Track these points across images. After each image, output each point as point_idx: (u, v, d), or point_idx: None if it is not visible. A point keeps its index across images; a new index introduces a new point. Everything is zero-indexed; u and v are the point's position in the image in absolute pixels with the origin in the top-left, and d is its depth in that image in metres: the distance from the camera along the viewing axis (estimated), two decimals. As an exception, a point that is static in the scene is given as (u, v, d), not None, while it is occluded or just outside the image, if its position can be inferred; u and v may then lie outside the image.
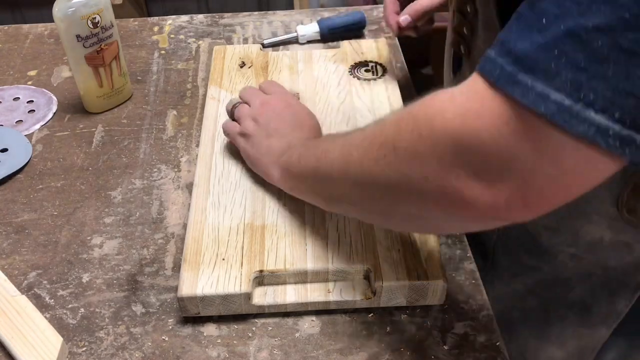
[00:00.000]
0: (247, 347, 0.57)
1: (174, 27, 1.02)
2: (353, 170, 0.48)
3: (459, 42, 0.60)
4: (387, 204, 0.46)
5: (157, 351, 0.57)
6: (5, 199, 0.73)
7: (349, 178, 0.49)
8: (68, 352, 0.58)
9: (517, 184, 0.37)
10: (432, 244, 0.60)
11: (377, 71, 0.83)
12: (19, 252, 0.67)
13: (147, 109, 0.86)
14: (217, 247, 0.61)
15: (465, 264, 0.64)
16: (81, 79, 0.82)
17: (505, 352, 0.57)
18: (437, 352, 0.56)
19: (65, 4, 0.75)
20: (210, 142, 0.72)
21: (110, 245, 0.67)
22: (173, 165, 0.77)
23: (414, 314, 0.60)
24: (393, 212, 0.47)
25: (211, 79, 0.83)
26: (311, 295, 0.59)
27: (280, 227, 0.62)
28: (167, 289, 0.63)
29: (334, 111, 0.76)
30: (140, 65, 0.94)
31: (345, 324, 0.59)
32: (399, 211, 0.46)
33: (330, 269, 0.59)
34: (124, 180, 0.75)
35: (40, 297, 0.62)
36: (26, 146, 0.79)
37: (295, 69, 0.84)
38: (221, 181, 0.68)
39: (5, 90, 0.89)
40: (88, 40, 0.78)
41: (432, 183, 0.40)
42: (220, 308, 0.58)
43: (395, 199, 0.45)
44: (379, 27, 0.99)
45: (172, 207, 0.71)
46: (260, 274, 0.59)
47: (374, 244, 0.60)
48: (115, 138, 0.81)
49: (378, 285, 0.57)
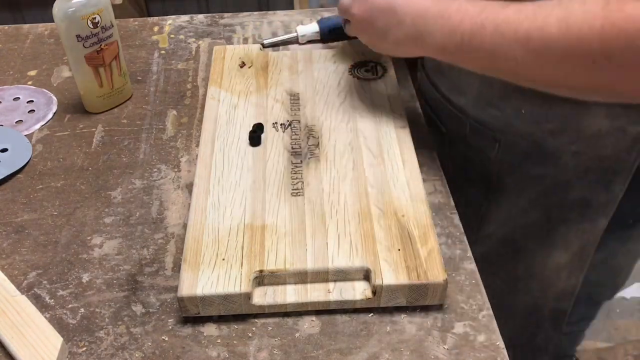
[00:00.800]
0: (247, 347, 0.57)
1: (174, 27, 1.02)
2: (548, 71, 0.53)
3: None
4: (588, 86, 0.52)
5: (157, 351, 0.57)
6: (5, 199, 0.73)
7: (539, 73, 0.54)
8: (68, 352, 0.58)
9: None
10: (432, 244, 0.60)
11: (377, 71, 0.83)
12: (19, 252, 0.67)
13: (147, 109, 0.86)
14: (217, 247, 0.61)
15: (465, 264, 0.64)
16: (81, 79, 0.82)
17: (505, 352, 0.57)
18: (437, 352, 0.57)
19: (65, 4, 0.75)
20: (210, 142, 0.72)
21: (110, 245, 0.67)
22: (173, 165, 0.77)
23: (414, 314, 0.60)
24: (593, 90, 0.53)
25: (211, 79, 0.83)
26: (311, 295, 0.59)
27: (280, 227, 0.62)
28: (167, 289, 0.63)
29: (334, 111, 0.76)
30: (140, 65, 0.94)
31: (345, 324, 0.59)
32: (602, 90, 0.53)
33: (330, 269, 0.59)
34: (124, 180, 0.75)
35: (40, 297, 0.62)
36: (26, 146, 0.79)
37: (295, 69, 0.84)
38: (221, 181, 0.68)
39: (5, 90, 0.89)
40: (88, 40, 0.78)
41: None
42: (220, 308, 0.58)
43: (599, 87, 0.52)
44: None
45: (172, 207, 0.71)
46: (260, 274, 0.59)
47: (374, 244, 0.60)
48: (115, 138, 0.81)
49: (378, 285, 0.57)
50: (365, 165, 0.69)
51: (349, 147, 0.71)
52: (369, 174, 0.68)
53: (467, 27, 0.58)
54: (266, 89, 0.80)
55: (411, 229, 0.62)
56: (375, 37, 0.67)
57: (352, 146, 0.72)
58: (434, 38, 0.61)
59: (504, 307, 0.68)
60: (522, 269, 0.82)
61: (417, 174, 0.68)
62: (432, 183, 0.72)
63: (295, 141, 0.73)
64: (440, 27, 0.61)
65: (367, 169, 0.68)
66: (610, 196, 0.70)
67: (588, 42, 0.49)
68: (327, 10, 1.04)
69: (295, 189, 0.66)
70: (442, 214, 0.69)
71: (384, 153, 0.70)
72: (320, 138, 0.73)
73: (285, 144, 0.72)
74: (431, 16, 0.62)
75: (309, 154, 0.71)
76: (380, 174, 0.68)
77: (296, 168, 0.69)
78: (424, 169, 0.70)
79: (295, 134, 0.74)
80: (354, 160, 0.70)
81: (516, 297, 0.85)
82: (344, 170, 0.68)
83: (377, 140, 0.72)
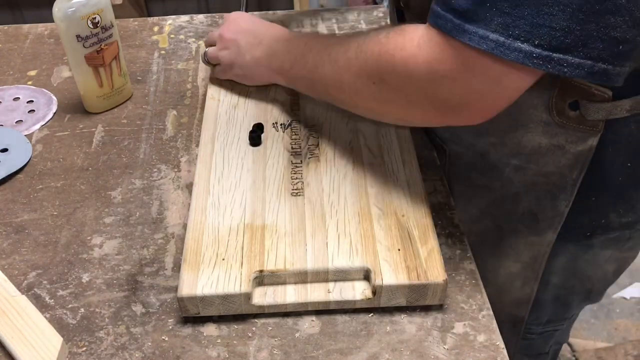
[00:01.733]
0: (247, 347, 0.57)
1: (174, 27, 1.02)
2: (347, 88, 0.62)
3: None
4: (373, 106, 0.62)
5: (157, 351, 0.57)
6: (5, 199, 0.73)
7: (341, 91, 0.64)
8: (68, 352, 0.58)
9: (475, 107, 0.54)
10: (432, 244, 0.60)
11: (377, 71, 0.82)
12: (19, 252, 0.67)
13: (147, 109, 0.86)
14: (217, 247, 0.61)
15: (465, 264, 0.64)
16: (81, 79, 0.82)
17: (505, 352, 0.57)
18: (437, 352, 0.57)
19: (65, 4, 0.75)
20: (210, 142, 0.72)
21: (110, 245, 0.67)
22: (173, 165, 0.77)
23: (414, 314, 0.60)
24: (379, 111, 0.63)
25: (211, 79, 0.83)
26: (311, 295, 0.59)
27: (280, 227, 0.62)
28: (167, 289, 0.63)
29: (334, 111, 0.76)
30: (140, 65, 0.94)
31: (345, 324, 0.59)
32: (383, 111, 0.62)
33: (330, 269, 0.59)
34: (124, 180, 0.75)
35: (40, 297, 0.62)
36: (26, 146, 0.79)
37: (295, 69, 0.84)
38: (221, 181, 0.68)
39: (5, 90, 0.89)
40: (88, 40, 0.78)
41: (412, 102, 0.57)
42: (220, 308, 0.58)
43: (380, 106, 0.61)
44: (379, 27, 0.99)
45: (172, 207, 0.71)
46: (260, 274, 0.59)
47: (374, 244, 0.60)
48: (115, 138, 0.81)
49: (378, 285, 0.57)
50: (365, 165, 0.69)
51: (349, 147, 0.71)
52: (369, 174, 0.68)
53: (298, 52, 0.69)
54: (266, 89, 0.80)
55: (411, 229, 0.62)
56: (237, 54, 0.76)
57: (352, 146, 0.72)
58: (279, 59, 0.72)
59: None
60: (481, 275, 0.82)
61: (417, 174, 0.68)
62: (432, 183, 0.72)
63: (295, 141, 0.73)
64: (284, 50, 0.71)
65: (367, 169, 0.68)
66: (555, 211, 0.71)
67: (370, 64, 0.58)
68: (327, 10, 1.04)
69: (295, 189, 0.66)
70: (442, 214, 0.69)
71: (384, 153, 0.70)
72: (320, 138, 0.73)
73: (285, 144, 0.72)
74: (283, 40, 0.72)
75: (309, 154, 0.71)
76: (380, 174, 0.68)
77: (296, 168, 0.69)
78: (424, 169, 0.70)
79: (295, 134, 0.74)
80: (353, 160, 0.70)
81: None
82: (344, 170, 0.68)
83: (377, 140, 0.72)
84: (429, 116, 0.58)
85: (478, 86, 0.52)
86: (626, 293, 1.65)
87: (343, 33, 0.68)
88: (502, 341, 0.57)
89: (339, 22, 1.01)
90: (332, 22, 1.00)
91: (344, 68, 0.61)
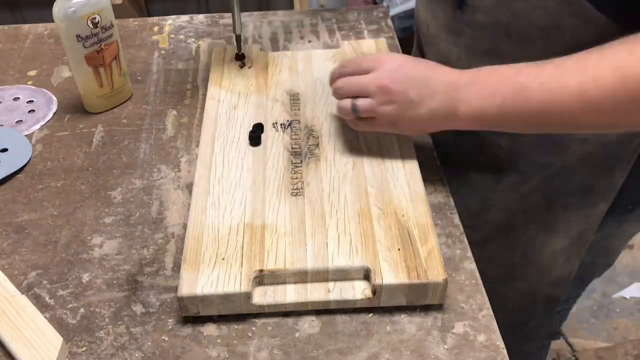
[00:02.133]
0: (247, 347, 0.57)
1: (174, 27, 1.02)
2: (588, 118, 0.56)
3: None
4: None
5: (157, 351, 0.57)
6: (5, 199, 0.73)
7: (595, 116, 0.56)
8: (68, 352, 0.58)
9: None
10: (432, 244, 0.60)
11: (377, 71, 0.82)
12: (19, 252, 0.67)
13: (147, 109, 0.86)
14: (217, 246, 0.61)
15: (465, 264, 0.64)
16: (81, 79, 0.82)
17: (505, 352, 0.57)
18: (437, 352, 0.57)
19: (65, 4, 0.75)
20: (210, 142, 0.72)
21: (110, 245, 0.67)
22: (173, 165, 0.77)
23: (414, 314, 0.60)
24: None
25: (211, 79, 0.83)
26: (311, 295, 0.59)
27: (280, 226, 0.62)
28: (167, 289, 0.63)
29: (334, 111, 0.76)
30: (140, 65, 0.94)
31: (345, 324, 0.59)
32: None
33: (330, 268, 0.59)
34: (124, 180, 0.75)
35: (40, 297, 0.62)
36: (26, 146, 0.79)
37: (295, 69, 0.84)
38: (221, 181, 0.68)
39: (5, 90, 0.89)
40: (88, 40, 0.78)
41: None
42: (220, 308, 0.58)
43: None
44: (379, 27, 0.99)
45: (172, 207, 0.71)
46: (260, 273, 0.59)
47: (374, 244, 0.60)
48: (115, 138, 0.81)
49: (378, 285, 0.57)
50: (365, 165, 0.69)
51: (349, 147, 0.71)
52: (369, 174, 0.68)
53: (509, 89, 0.58)
54: (266, 89, 0.80)
55: (411, 228, 0.62)
56: (406, 109, 0.63)
57: (352, 146, 0.72)
58: (469, 104, 0.61)
59: (499, 294, 0.69)
60: (519, 256, 0.82)
61: (417, 174, 0.68)
62: (432, 183, 0.72)
63: (295, 141, 0.73)
64: (475, 92, 0.60)
65: (367, 169, 0.68)
66: (611, 182, 0.70)
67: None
68: (327, 10, 1.04)
69: (295, 188, 0.66)
70: (442, 214, 0.69)
71: (384, 153, 0.70)
72: (320, 138, 0.73)
73: (285, 144, 0.72)
74: (463, 84, 0.61)
75: (309, 154, 0.71)
76: (380, 174, 0.68)
77: (296, 168, 0.69)
78: (424, 169, 0.70)
79: (295, 134, 0.74)
80: (354, 160, 0.70)
81: (512, 284, 0.86)
82: (344, 170, 0.69)
83: (377, 140, 0.72)
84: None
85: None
86: (626, 293, 1.65)
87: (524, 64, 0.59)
88: (502, 341, 0.57)
89: (339, 22, 1.01)
90: (332, 22, 1.01)
91: (600, 99, 0.55)
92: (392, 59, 0.65)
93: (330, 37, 0.97)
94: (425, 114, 0.63)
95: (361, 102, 0.65)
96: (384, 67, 0.65)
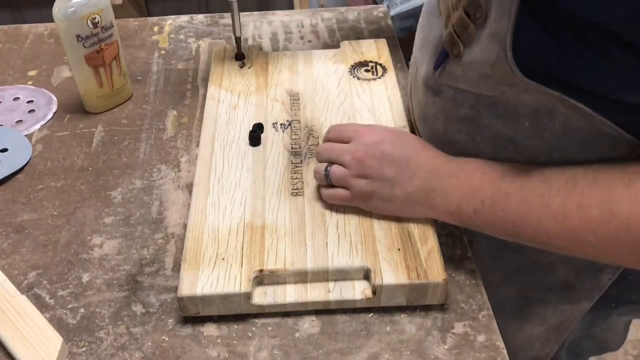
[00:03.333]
0: (247, 347, 0.57)
1: (174, 27, 1.02)
2: (565, 244, 0.51)
3: (453, 42, 0.57)
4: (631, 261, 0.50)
5: (157, 351, 0.57)
6: (5, 199, 0.73)
7: (580, 247, 0.51)
8: (68, 352, 0.58)
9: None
10: (432, 244, 0.60)
11: (377, 71, 0.83)
12: (19, 252, 0.67)
13: (147, 109, 0.86)
14: (217, 246, 0.61)
15: (465, 263, 0.64)
16: (81, 79, 0.82)
17: (505, 352, 0.57)
18: (437, 352, 0.57)
19: (65, 4, 0.75)
20: (210, 142, 0.72)
21: (110, 245, 0.67)
22: (173, 165, 0.77)
23: (414, 314, 0.60)
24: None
25: (211, 79, 0.83)
26: (311, 295, 0.59)
27: (280, 227, 0.62)
28: (167, 289, 0.63)
29: (334, 111, 0.76)
30: (140, 65, 0.94)
31: (345, 324, 0.59)
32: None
33: (330, 268, 0.59)
34: (124, 180, 0.75)
35: (40, 297, 0.62)
36: (26, 146, 0.79)
37: (295, 69, 0.84)
38: (221, 181, 0.68)
39: (5, 90, 0.89)
40: (88, 40, 0.78)
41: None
42: (220, 308, 0.58)
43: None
44: (379, 27, 0.99)
45: (172, 207, 0.71)
46: (260, 273, 0.59)
47: (374, 244, 0.60)
48: (115, 138, 0.81)
49: (378, 285, 0.57)
50: (365, 165, 0.69)
51: (349, 147, 0.71)
52: (369, 173, 0.68)
53: (488, 192, 0.55)
54: (266, 89, 0.80)
55: (411, 228, 0.62)
56: (381, 187, 0.60)
57: (352, 146, 0.71)
58: (446, 198, 0.57)
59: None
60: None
61: (417, 174, 0.68)
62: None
63: (295, 141, 0.73)
64: (454, 187, 0.57)
65: (367, 169, 0.68)
66: (596, 283, 0.66)
67: (637, 229, 0.46)
68: (327, 10, 1.04)
69: (295, 188, 0.66)
70: (442, 214, 0.69)
71: (384, 153, 0.70)
72: (320, 138, 0.73)
73: (285, 144, 0.72)
74: (445, 175, 0.58)
75: (309, 154, 0.71)
76: (380, 173, 0.68)
77: (296, 168, 0.69)
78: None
79: (295, 134, 0.74)
80: (354, 160, 0.70)
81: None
82: (344, 170, 0.68)
83: (377, 140, 0.72)
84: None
85: None
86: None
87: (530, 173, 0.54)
88: (502, 341, 0.57)
89: (339, 22, 1.01)
90: (332, 22, 1.01)
91: (580, 229, 0.50)
92: (373, 132, 0.62)
93: (330, 37, 0.97)
94: (400, 195, 0.59)
95: (335, 169, 0.62)
96: (362, 140, 0.61)
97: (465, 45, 0.55)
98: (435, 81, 0.61)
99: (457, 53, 0.56)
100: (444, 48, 0.59)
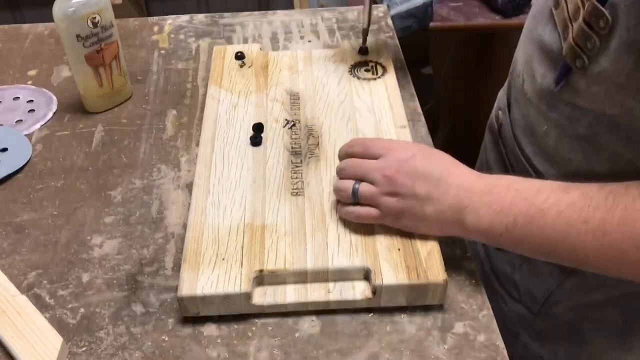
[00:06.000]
0: (247, 347, 0.57)
1: (174, 27, 1.02)
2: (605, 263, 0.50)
3: (575, 55, 0.53)
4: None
5: (157, 351, 0.57)
6: (5, 199, 0.73)
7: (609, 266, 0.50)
8: (68, 352, 0.58)
9: None
10: (432, 244, 0.60)
11: (377, 71, 0.83)
12: (19, 252, 0.67)
13: (147, 109, 0.86)
14: (217, 247, 0.61)
15: (465, 263, 0.64)
16: (81, 78, 0.82)
17: (505, 352, 0.57)
18: (437, 352, 0.57)
19: (65, 4, 0.75)
20: (210, 142, 0.72)
21: (110, 245, 0.67)
22: (173, 165, 0.77)
23: (414, 314, 0.60)
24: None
25: (211, 78, 0.83)
26: (311, 295, 0.59)
27: (280, 227, 0.62)
28: (167, 289, 0.63)
29: (334, 111, 0.76)
30: (140, 65, 0.94)
31: (345, 324, 0.59)
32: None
33: (330, 269, 0.59)
34: (124, 180, 0.75)
35: (40, 297, 0.62)
36: (26, 146, 0.79)
37: (295, 68, 0.84)
38: (221, 181, 0.68)
39: (5, 90, 0.89)
40: (88, 40, 0.78)
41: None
42: (220, 308, 0.58)
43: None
44: (379, 27, 0.99)
45: (172, 207, 0.71)
46: (260, 273, 0.59)
47: (374, 244, 0.60)
48: (115, 138, 0.81)
49: (378, 285, 0.57)
50: (365, 165, 0.69)
51: (349, 147, 0.71)
52: (369, 173, 0.68)
53: (522, 209, 0.53)
54: (266, 89, 0.80)
55: (411, 228, 0.62)
56: (412, 205, 0.58)
57: (352, 146, 0.71)
58: (478, 216, 0.55)
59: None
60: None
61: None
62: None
63: (295, 141, 0.73)
64: (486, 205, 0.55)
65: (367, 169, 0.68)
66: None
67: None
68: (327, 10, 1.04)
69: (295, 188, 0.66)
70: (442, 214, 0.69)
71: (384, 153, 0.70)
72: (320, 138, 0.73)
73: (285, 144, 0.72)
74: (476, 192, 0.56)
75: (309, 153, 0.71)
76: (380, 173, 0.68)
77: (296, 168, 0.69)
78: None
79: (295, 133, 0.74)
80: (354, 160, 0.70)
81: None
82: (344, 170, 0.68)
83: (377, 140, 0.72)
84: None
85: None
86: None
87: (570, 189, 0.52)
88: (502, 341, 0.57)
89: (339, 22, 1.01)
90: (332, 22, 1.01)
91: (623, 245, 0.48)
92: (404, 149, 0.60)
93: (330, 37, 0.97)
94: (432, 214, 0.57)
95: (364, 187, 0.60)
96: (392, 156, 0.59)
97: (590, 58, 0.52)
98: (553, 96, 0.58)
99: (582, 65, 0.53)
100: (565, 62, 0.56)
